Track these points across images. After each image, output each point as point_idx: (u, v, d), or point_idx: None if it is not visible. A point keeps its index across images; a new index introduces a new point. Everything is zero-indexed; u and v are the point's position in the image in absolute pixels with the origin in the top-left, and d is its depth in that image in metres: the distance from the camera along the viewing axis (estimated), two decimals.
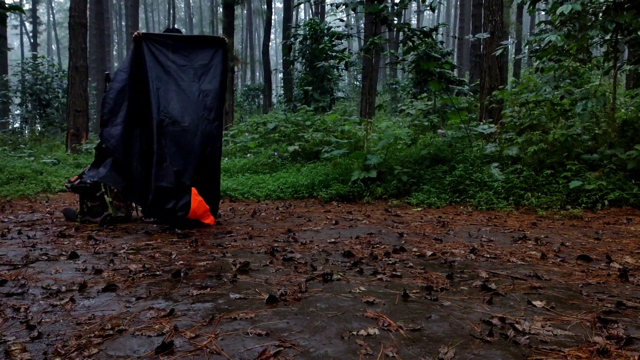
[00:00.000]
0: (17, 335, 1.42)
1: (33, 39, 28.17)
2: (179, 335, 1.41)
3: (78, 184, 3.80)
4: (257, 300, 1.75)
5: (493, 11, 6.98)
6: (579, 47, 4.97)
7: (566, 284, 1.96)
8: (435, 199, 4.78)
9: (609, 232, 3.21)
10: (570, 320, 1.52)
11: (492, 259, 2.44)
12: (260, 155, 7.58)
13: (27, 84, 14.86)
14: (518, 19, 17.47)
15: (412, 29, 5.52)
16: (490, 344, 1.34)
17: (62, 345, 1.32)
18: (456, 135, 5.97)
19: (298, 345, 1.33)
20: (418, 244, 2.89)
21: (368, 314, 1.58)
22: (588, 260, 2.39)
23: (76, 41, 9.58)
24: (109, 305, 1.71)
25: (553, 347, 1.32)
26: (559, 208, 4.14)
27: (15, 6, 4.95)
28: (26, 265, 2.34)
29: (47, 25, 43.61)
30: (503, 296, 1.79)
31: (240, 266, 2.24)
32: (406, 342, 1.35)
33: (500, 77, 7.06)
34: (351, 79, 22.61)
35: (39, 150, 10.06)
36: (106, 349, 1.31)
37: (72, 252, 2.56)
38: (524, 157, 4.98)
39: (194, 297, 1.80)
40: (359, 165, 5.59)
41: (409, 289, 1.89)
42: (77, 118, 9.69)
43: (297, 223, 3.81)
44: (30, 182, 6.53)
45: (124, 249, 2.77)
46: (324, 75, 12.26)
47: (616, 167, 4.38)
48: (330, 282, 2.00)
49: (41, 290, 1.89)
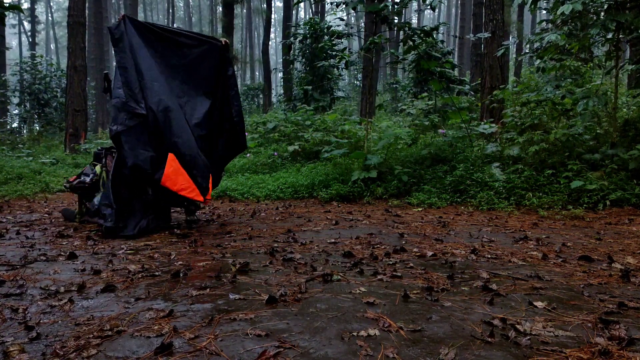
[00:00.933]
0: (16, 336, 1.42)
1: (31, 38, 28.12)
2: (178, 336, 1.40)
3: (77, 184, 3.80)
4: (256, 301, 1.74)
5: (494, 10, 6.96)
6: (580, 46, 4.96)
7: (567, 285, 1.96)
8: (436, 199, 4.77)
9: (611, 233, 3.20)
10: (571, 321, 1.52)
11: (493, 260, 2.43)
12: (259, 155, 7.57)
13: (26, 83, 14.81)
14: (519, 18, 17.44)
15: (412, 28, 5.50)
16: (491, 345, 1.33)
17: (60, 346, 1.32)
18: (457, 135, 5.95)
19: (298, 346, 1.33)
20: (419, 244, 2.88)
21: (368, 314, 1.58)
22: (589, 261, 2.38)
23: (75, 40, 9.54)
24: (107, 306, 1.71)
25: (554, 348, 1.31)
26: (561, 208, 4.13)
27: (13, 5, 4.94)
28: (24, 265, 2.33)
29: (46, 24, 43.57)
30: (504, 297, 1.78)
31: (240, 267, 2.24)
32: (407, 343, 1.35)
33: (501, 76, 7.04)
34: (351, 78, 22.59)
35: (38, 150, 10.02)
36: (105, 350, 1.31)
37: (71, 253, 2.55)
38: (525, 157, 4.97)
39: (194, 297, 1.79)
40: (359, 165, 5.58)
41: (409, 289, 1.88)
42: (76, 118, 9.64)
43: (297, 223, 3.80)
44: (29, 182, 6.52)
45: (123, 249, 2.76)
46: (324, 74, 12.24)
47: (618, 167, 4.37)
48: (331, 283, 2.00)
49: (40, 291, 1.88)
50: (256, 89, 21.64)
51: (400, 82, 17.20)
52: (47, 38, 45.54)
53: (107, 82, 3.71)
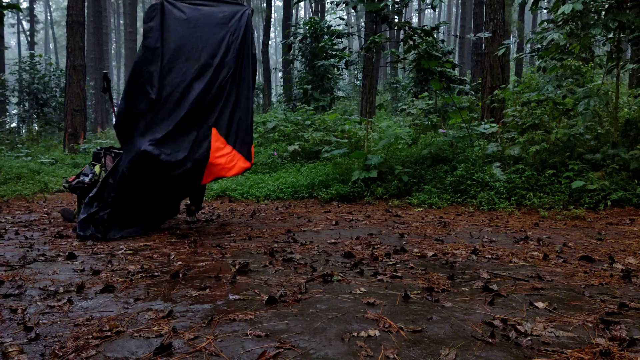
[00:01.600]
0: (15, 336, 1.41)
1: (30, 37, 27.94)
2: (177, 336, 1.40)
3: (76, 184, 3.79)
4: (256, 302, 1.73)
5: (495, 9, 6.95)
6: (581, 45, 4.94)
7: (568, 285, 1.95)
8: (437, 199, 4.76)
9: (612, 233, 3.20)
10: (572, 322, 1.51)
11: (494, 260, 2.43)
12: (259, 154, 7.54)
13: (25, 83, 14.70)
14: (520, 17, 17.41)
15: (413, 28, 5.49)
16: (491, 346, 1.33)
17: (59, 347, 1.32)
18: (458, 134, 5.94)
19: (298, 347, 1.32)
20: (419, 244, 2.87)
21: (368, 315, 1.57)
22: (590, 261, 2.37)
23: (74, 40, 9.51)
24: (107, 306, 1.70)
25: (555, 348, 1.31)
26: (562, 208, 4.12)
27: (12, 4, 4.93)
28: (23, 266, 2.33)
29: (45, 23, 43.38)
30: (505, 297, 1.78)
31: (240, 267, 2.23)
32: (407, 344, 1.34)
33: (502, 76, 7.03)
34: (351, 77, 22.55)
35: (36, 150, 9.97)
36: (104, 350, 1.30)
37: (70, 253, 2.55)
38: (526, 157, 4.95)
39: (193, 298, 1.79)
40: (359, 165, 5.57)
41: (409, 290, 1.87)
42: (75, 117, 9.60)
43: (297, 223, 3.80)
44: (28, 182, 6.49)
45: (122, 249, 2.76)
46: (324, 74, 12.21)
47: (619, 167, 4.36)
48: (331, 283, 1.99)
49: (38, 292, 1.88)
50: (256, 88, 21.57)
51: (401, 81, 17.17)
52: (46, 37, 45.40)
53: (107, 82, 3.70)
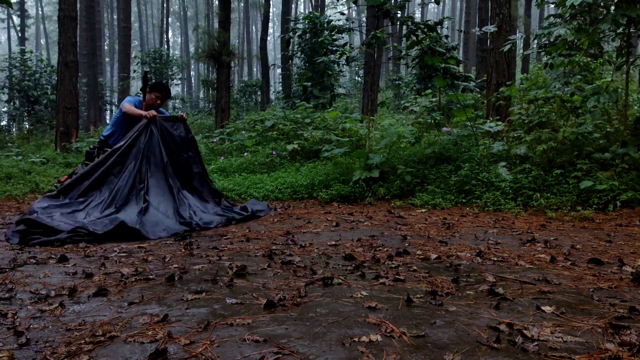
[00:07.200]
0: (4, 342, 1.39)
1: (21, 33, 27.68)
2: (173, 341, 1.37)
3: None
4: (254, 306, 1.70)
5: (500, 4, 6.85)
6: (589, 41, 4.85)
7: (576, 289, 1.91)
8: (440, 200, 4.70)
9: (621, 234, 3.15)
10: (580, 326, 1.48)
11: (500, 263, 2.38)
12: (257, 154, 7.47)
13: (15, 80, 14.43)
14: (526, 12, 17.23)
15: (416, 23, 5.42)
16: (497, 351, 1.30)
17: (51, 352, 1.29)
18: (462, 133, 5.87)
19: (297, 352, 1.29)
20: (422, 246, 2.83)
21: (370, 319, 1.54)
22: (599, 264, 2.33)
23: (66, 35, 9.32)
24: (100, 310, 1.67)
25: (563, 354, 1.27)
26: (569, 209, 4.06)
27: None
28: (14, 268, 2.29)
29: (36, 18, 42.95)
30: (511, 301, 1.74)
31: (237, 270, 2.20)
32: (410, 349, 1.31)
33: (508, 72, 6.94)
34: (352, 74, 22.43)
35: (27, 149, 9.85)
36: (97, 356, 1.28)
37: (62, 255, 2.51)
38: (533, 156, 4.89)
39: (189, 302, 1.76)
40: (360, 165, 5.52)
41: (412, 293, 1.84)
42: (67, 115, 9.42)
43: (296, 225, 3.77)
44: (18, 182, 6.39)
45: (116, 252, 2.73)
46: (324, 70, 12.10)
47: (629, 167, 4.28)
48: (331, 287, 1.95)
49: (29, 295, 1.85)
50: (254, 85, 21.49)
51: (403, 78, 17.09)
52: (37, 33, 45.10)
53: (145, 82, 4.09)
